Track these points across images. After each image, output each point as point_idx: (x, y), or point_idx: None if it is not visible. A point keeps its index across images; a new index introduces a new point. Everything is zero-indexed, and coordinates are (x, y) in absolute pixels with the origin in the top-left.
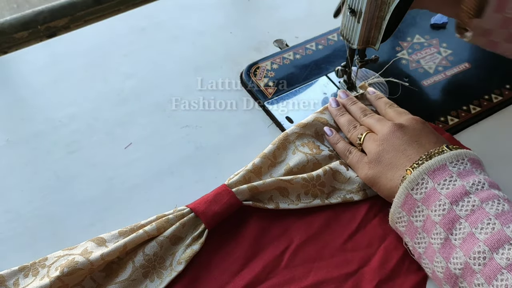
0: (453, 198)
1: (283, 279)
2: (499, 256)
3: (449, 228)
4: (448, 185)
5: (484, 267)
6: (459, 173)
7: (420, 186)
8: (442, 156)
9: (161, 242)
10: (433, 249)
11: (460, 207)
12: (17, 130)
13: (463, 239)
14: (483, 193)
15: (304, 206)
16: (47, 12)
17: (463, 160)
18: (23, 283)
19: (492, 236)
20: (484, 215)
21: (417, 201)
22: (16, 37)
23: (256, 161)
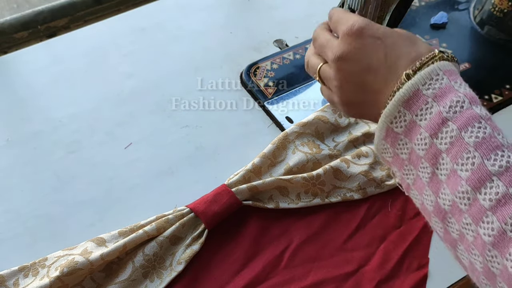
0: (432, 130)
1: (283, 279)
2: (482, 197)
3: (434, 163)
4: (425, 115)
5: (470, 208)
6: (435, 95)
7: (398, 120)
8: (412, 80)
9: (161, 242)
10: (422, 182)
11: (440, 140)
12: (17, 130)
13: (447, 176)
14: (462, 116)
15: (304, 205)
16: (47, 12)
17: (438, 76)
18: (23, 283)
19: (473, 173)
20: (463, 148)
21: (399, 134)
22: (16, 37)
23: (256, 161)
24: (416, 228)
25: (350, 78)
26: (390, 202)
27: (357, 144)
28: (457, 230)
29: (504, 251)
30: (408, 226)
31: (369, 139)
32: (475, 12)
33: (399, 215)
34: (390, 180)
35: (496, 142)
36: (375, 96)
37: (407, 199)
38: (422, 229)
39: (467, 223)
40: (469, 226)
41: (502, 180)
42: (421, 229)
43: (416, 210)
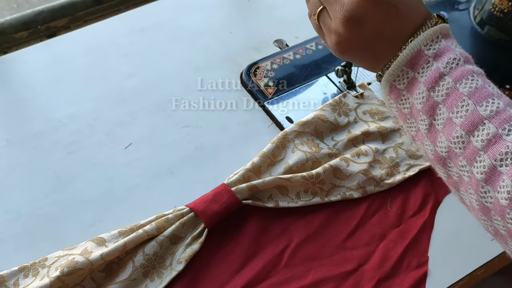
0: (429, 84)
1: (283, 277)
2: (475, 139)
3: (431, 115)
4: (426, 72)
5: (464, 150)
6: (435, 55)
7: (401, 77)
8: (415, 41)
9: (161, 242)
10: (421, 133)
11: (436, 93)
12: (17, 130)
13: (443, 124)
14: (457, 71)
15: (304, 204)
16: (47, 12)
17: (437, 39)
18: (23, 283)
19: (467, 119)
20: (458, 97)
21: (402, 90)
22: (16, 37)
23: (255, 160)
24: (416, 226)
25: (355, 40)
26: (390, 200)
27: (357, 143)
28: (456, 173)
29: (495, 185)
30: (408, 224)
31: (369, 137)
32: (475, 12)
33: (399, 214)
34: (389, 178)
35: (487, 91)
36: (385, 55)
37: (406, 198)
38: (422, 227)
39: (462, 165)
40: (464, 168)
41: (493, 122)
42: (421, 228)
43: (415, 209)
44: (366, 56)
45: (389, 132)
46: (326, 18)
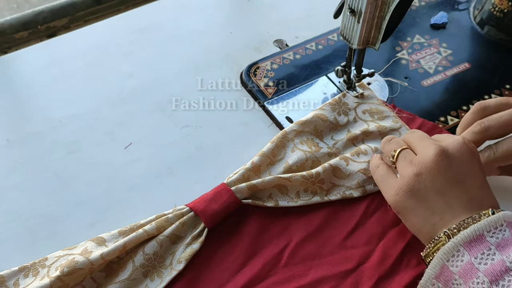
0: (492, 276)
1: (283, 277)
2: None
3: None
4: (486, 260)
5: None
6: (498, 244)
7: (456, 258)
8: (479, 224)
9: (161, 241)
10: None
11: (500, 287)
12: (17, 130)
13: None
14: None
15: (304, 203)
16: (47, 12)
17: (502, 226)
18: (23, 283)
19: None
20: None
21: (454, 273)
22: (16, 37)
23: (255, 159)
24: None
25: (439, 174)
26: None
27: (356, 142)
28: None
29: None
30: None
31: (368, 137)
32: (475, 12)
33: None
34: None
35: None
36: (443, 212)
37: None
38: None
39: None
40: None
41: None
42: None
43: None
44: (434, 202)
45: (388, 131)
46: (409, 154)
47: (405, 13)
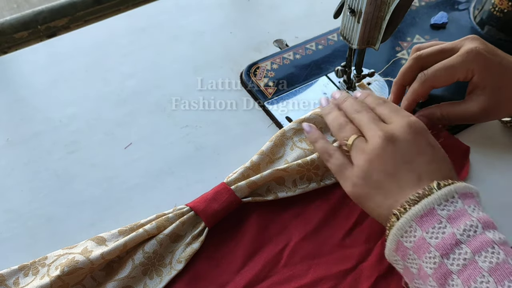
0: (443, 250)
1: (283, 277)
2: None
3: (442, 284)
4: (437, 234)
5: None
6: (449, 216)
7: (408, 234)
8: (429, 199)
9: (161, 240)
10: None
11: (451, 261)
12: (17, 130)
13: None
14: (476, 240)
15: (302, 191)
16: (47, 12)
17: (453, 199)
18: (23, 282)
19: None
20: (477, 271)
21: (408, 249)
22: (16, 37)
23: (254, 158)
24: None
25: (388, 158)
26: None
27: None
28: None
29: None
30: None
31: None
32: (475, 12)
33: None
34: None
35: (510, 268)
36: (395, 194)
37: None
38: None
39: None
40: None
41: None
42: None
43: None
44: (386, 185)
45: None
46: (361, 142)
47: (405, 13)
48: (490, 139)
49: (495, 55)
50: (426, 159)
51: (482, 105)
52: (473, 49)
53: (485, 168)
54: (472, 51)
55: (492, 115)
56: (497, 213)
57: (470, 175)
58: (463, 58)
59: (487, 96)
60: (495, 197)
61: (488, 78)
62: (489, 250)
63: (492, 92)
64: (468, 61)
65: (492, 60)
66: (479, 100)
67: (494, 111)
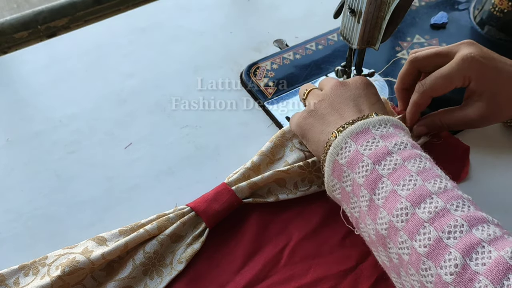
0: (375, 158)
1: (283, 276)
2: (421, 211)
3: (372, 189)
4: (371, 146)
5: (407, 223)
6: (382, 135)
7: (344, 150)
8: (365, 120)
9: (162, 240)
10: (363, 212)
11: (382, 166)
12: (17, 130)
13: (385, 198)
14: (405, 152)
15: (303, 194)
16: (47, 12)
17: (386, 125)
18: (24, 282)
19: (414, 192)
20: (406, 172)
21: (343, 165)
22: (16, 37)
23: (254, 159)
24: None
25: (336, 96)
26: None
27: None
28: (396, 253)
29: (439, 259)
30: None
31: None
32: (475, 12)
33: None
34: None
35: (435, 172)
36: (337, 121)
37: None
38: None
39: (402, 241)
40: (404, 244)
41: (441, 197)
42: None
43: None
44: (330, 117)
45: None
46: (316, 91)
47: (405, 13)
48: (490, 139)
49: (491, 59)
50: (370, 101)
51: (480, 111)
52: (468, 56)
53: (485, 168)
54: (467, 58)
55: (491, 120)
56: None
57: (470, 175)
58: (458, 65)
59: (484, 102)
60: (495, 197)
61: (484, 84)
62: (417, 159)
63: (489, 97)
64: (464, 68)
65: (487, 66)
66: (477, 106)
67: (492, 116)
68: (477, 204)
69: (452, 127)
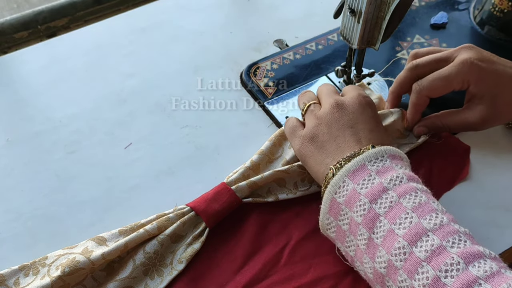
0: (372, 196)
1: (283, 276)
2: (418, 250)
3: (371, 228)
4: (367, 184)
5: (405, 262)
6: (378, 170)
7: (342, 189)
8: (361, 156)
9: (162, 240)
10: (360, 250)
11: (379, 205)
12: (17, 130)
13: (384, 237)
14: (401, 187)
15: (303, 193)
16: (47, 12)
17: (383, 158)
18: (24, 282)
19: (410, 230)
20: (401, 210)
21: (341, 204)
22: (16, 37)
23: (254, 158)
24: None
25: (334, 122)
26: None
27: None
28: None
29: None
30: None
31: None
32: (475, 12)
33: None
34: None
35: (431, 207)
36: (335, 153)
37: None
38: None
39: (402, 280)
40: (404, 283)
41: (437, 234)
42: None
43: None
44: (328, 146)
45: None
46: (316, 107)
47: (405, 13)
48: (490, 139)
49: (490, 62)
50: (368, 127)
51: (481, 114)
52: (467, 60)
53: (485, 168)
54: (466, 62)
55: (492, 122)
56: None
57: (470, 175)
58: (458, 69)
59: (485, 105)
60: (495, 197)
61: (484, 87)
62: (412, 194)
63: (490, 101)
64: (463, 72)
65: (486, 70)
66: (477, 109)
67: (493, 118)
68: (478, 204)
69: (453, 129)
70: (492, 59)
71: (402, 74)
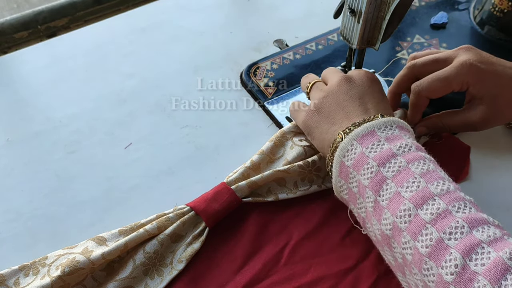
0: (380, 160)
1: (283, 276)
2: (423, 212)
3: (377, 190)
4: (376, 149)
5: (410, 224)
6: (387, 137)
7: (350, 153)
8: (371, 122)
9: (162, 240)
10: (369, 212)
11: (387, 169)
12: (17, 130)
13: (390, 199)
14: (410, 154)
15: (303, 193)
16: (47, 12)
17: (392, 127)
18: (24, 282)
19: (417, 193)
20: (409, 175)
21: (349, 167)
22: (16, 37)
23: (254, 158)
24: None
25: (341, 93)
26: None
27: None
28: (400, 253)
29: (440, 259)
30: None
31: None
32: (475, 12)
33: None
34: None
35: (439, 174)
36: (342, 121)
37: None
38: None
39: (405, 241)
40: (407, 244)
41: (443, 199)
42: None
43: None
44: (335, 115)
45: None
46: (320, 84)
47: (405, 13)
48: (490, 139)
49: (489, 64)
50: (375, 100)
51: (481, 114)
52: (466, 61)
53: (485, 168)
54: (465, 64)
55: (492, 123)
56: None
57: (470, 175)
58: (457, 70)
59: (485, 106)
60: (495, 197)
61: (483, 88)
62: (421, 161)
63: (490, 101)
64: (462, 73)
65: (485, 71)
66: (478, 110)
67: (494, 119)
68: (478, 204)
69: (453, 129)
70: (491, 60)
71: (400, 73)
